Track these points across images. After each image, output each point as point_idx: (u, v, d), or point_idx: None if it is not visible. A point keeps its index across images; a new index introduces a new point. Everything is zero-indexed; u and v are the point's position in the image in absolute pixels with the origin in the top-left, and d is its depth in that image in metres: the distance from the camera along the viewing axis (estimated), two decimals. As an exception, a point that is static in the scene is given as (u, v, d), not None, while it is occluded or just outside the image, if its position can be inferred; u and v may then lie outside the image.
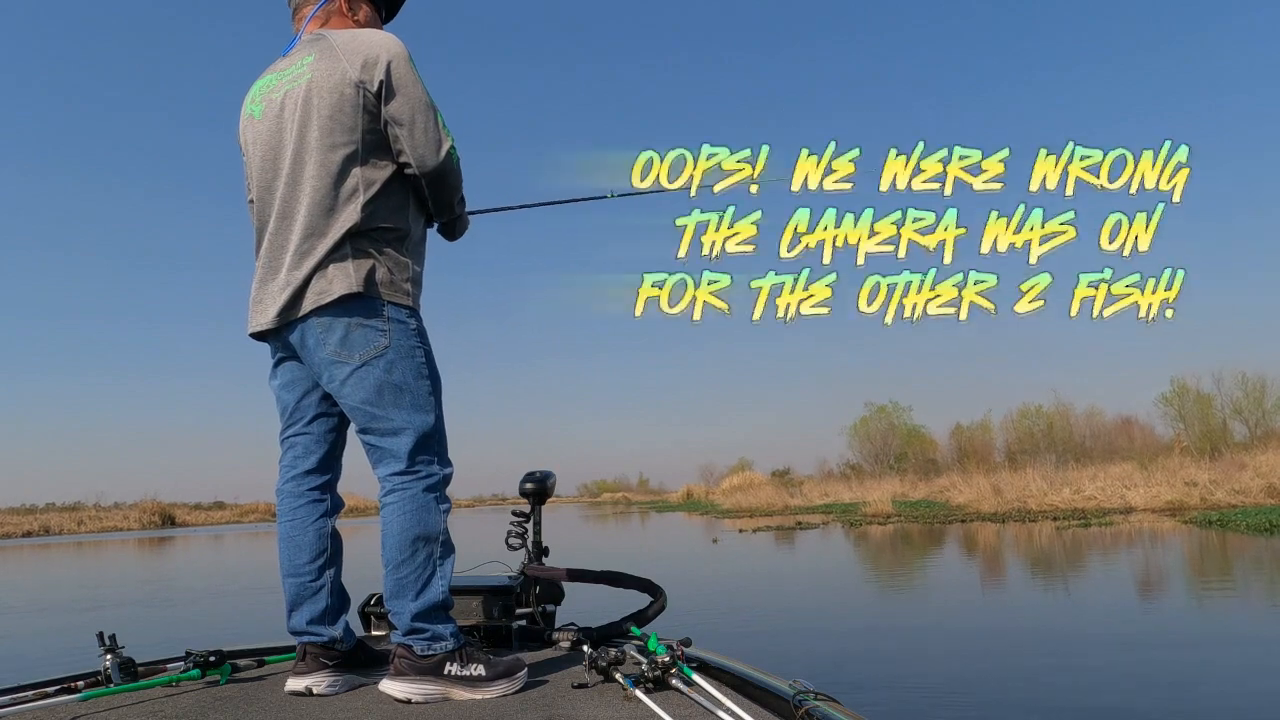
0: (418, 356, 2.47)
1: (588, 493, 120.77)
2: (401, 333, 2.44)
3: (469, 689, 2.38)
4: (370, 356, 2.40)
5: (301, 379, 2.58)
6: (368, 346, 2.40)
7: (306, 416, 2.60)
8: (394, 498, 2.42)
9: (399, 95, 2.42)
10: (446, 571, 2.44)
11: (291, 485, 2.60)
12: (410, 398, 2.43)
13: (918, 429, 45.94)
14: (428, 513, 2.42)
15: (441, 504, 2.46)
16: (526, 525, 3.39)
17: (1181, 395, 33.35)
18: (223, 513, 64.32)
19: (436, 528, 2.42)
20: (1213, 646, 7.29)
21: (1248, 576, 11.87)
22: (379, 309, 2.41)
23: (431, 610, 2.39)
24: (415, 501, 2.41)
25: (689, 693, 2.23)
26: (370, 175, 2.44)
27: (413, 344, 2.46)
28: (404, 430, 2.42)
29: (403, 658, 2.38)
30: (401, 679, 2.36)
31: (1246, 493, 22.85)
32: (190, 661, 2.62)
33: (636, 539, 26.79)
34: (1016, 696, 5.82)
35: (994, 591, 11.17)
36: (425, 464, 2.44)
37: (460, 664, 2.39)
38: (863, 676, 6.41)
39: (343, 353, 2.40)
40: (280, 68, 2.59)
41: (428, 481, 2.44)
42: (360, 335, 2.40)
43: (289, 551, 2.57)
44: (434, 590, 2.40)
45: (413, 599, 2.38)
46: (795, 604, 10.57)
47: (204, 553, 28.54)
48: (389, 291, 2.43)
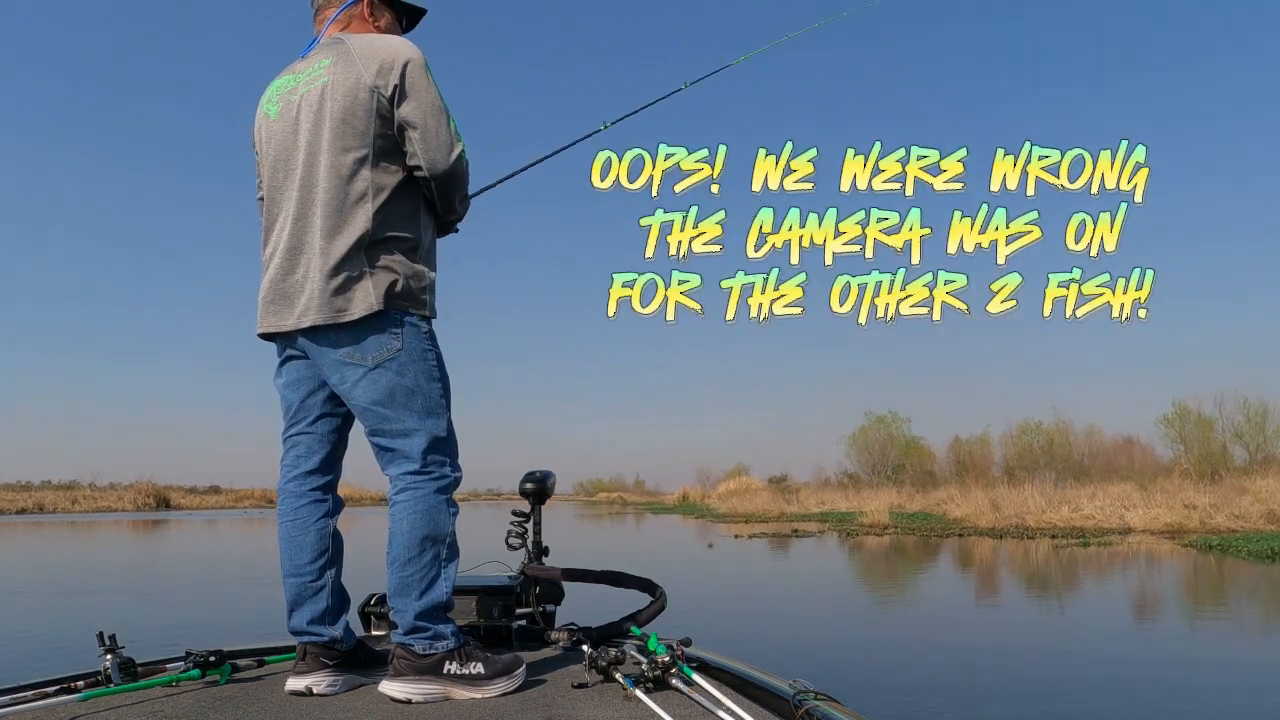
0: (430, 360, 2.48)
1: (583, 491, 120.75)
2: (414, 336, 2.46)
3: (469, 688, 2.38)
4: (383, 359, 2.41)
5: (307, 378, 2.58)
6: (381, 349, 2.41)
7: (310, 416, 2.61)
8: (406, 496, 2.43)
9: (412, 99, 2.44)
10: (451, 574, 2.45)
11: (293, 485, 2.60)
12: (422, 400, 2.44)
13: (916, 440, 45.94)
14: (438, 513, 2.43)
15: (451, 507, 2.48)
16: (526, 525, 3.39)
17: (1183, 417, 33.33)
18: (218, 497, 64.34)
19: (445, 529, 2.44)
20: (1211, 669, 7.30)
21: (1251, 603, 11.83)
22: (396, 318, 2.43)
23: (434, 610, 2.40)
24: (426, 501, 2.42)
25: (689, 693, 2.24)
26: (380, 180, 2.45)
27: (424, 347, 2.48)
28: (416, 432, 2.43)
29: (402, 658, 2.38)
30: (401, 679, 2.36)
31: (1246, 518, 22.82)
32: (190, 661, 2.61)
33: (633, 540, 26.79)
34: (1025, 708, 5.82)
35: (995, 609, 11.18)
36: (438, 465, 2.46)
37: (460, 663, 2.39)
38: (870, 681, 6.42)
39: (355, 355, 2.41)
40: (298, 69, 2.61)
41: (440, 483, 2.45)
42: (374, 339, 2.41)
43: (290, 551, 2.57)
44: (438, 591, 2.41)
45: (417, 598, 2.39)
46: (793, 612, 10.56)
47: (198, 539, 28.52)
48: (406, 302, 2.45)
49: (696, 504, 55.26)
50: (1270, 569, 15.01)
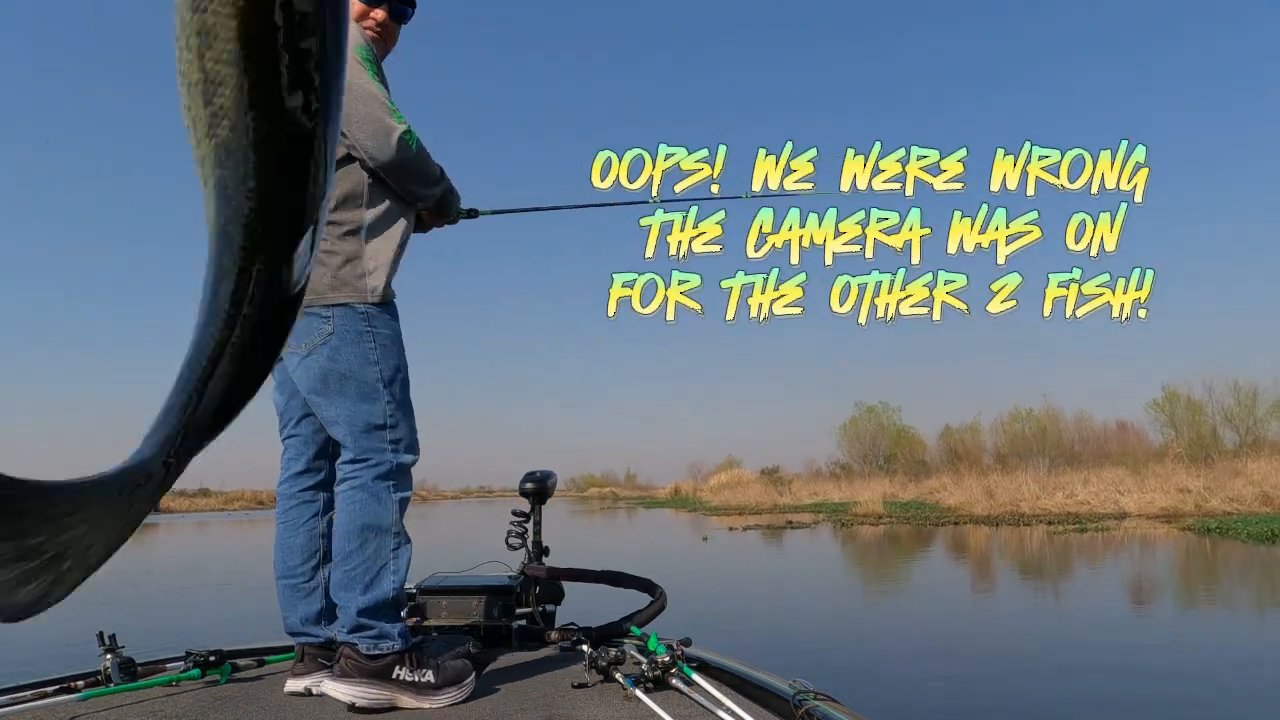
0: (366, 343, 2.39)
1: (575, 487, 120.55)
2: (348, 318, 2.37)
3: (417, 696, 2.31)
4: (315, 345, 2.36)
5: (288, 380, 2.54)
6: (312, 335, 2.36)
7: (295, 417, 2.60)
8: (344, 486, 2.38)
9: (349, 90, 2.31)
10: (400, 567, 2.37)
11: (285, 487, 2.59)
12: (356, 385, 2.37)
13: (906, 430, 45.90)
14: (377, 502, 2.35)
15: (396, 492, 2.39)
16: (526, 525, 3.40)
17: (1172, 402, 33.40)
18: (207, 500, 63.82)
19: (387, 518, 2.35)
20: (1219, 655, 7.30)
21: (1268, 588, 11.73)
22: (329, 304, 2.36)
23: (379, 607, 2.31)
24: (365, 490, 2.35)
25: (689, 692, 2.25)
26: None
27: (360, 330, 2.38)
28: (349, 418, 2.37)
29: (349, 658, 2.29)
30: (346, 681, 2.28)
31: (1241, 500, 22.90)
32: (190, 661, 2.63)
33: (626, 536, 26.77)
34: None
35: (1012, 601, 10.93)
36: (377, 452, 2.38)
37: (410, 669, 2.32)
38: (896, 680, 6.35)
39: (290, 343, 2.34)
40: None
41: (378, 470, 2.37)
42: (304, 324, 2.33)
43: (282, 554, 2.56)
44: (384, 585, 2.32)
45: (360, 592, 2.30)
46: (802, 609, 10.40)
47: (190, 541, 28.42)
48: (337, 293, 2.37)
49: (689, 497, 55.18)
50: (1275, 551, 14.93)
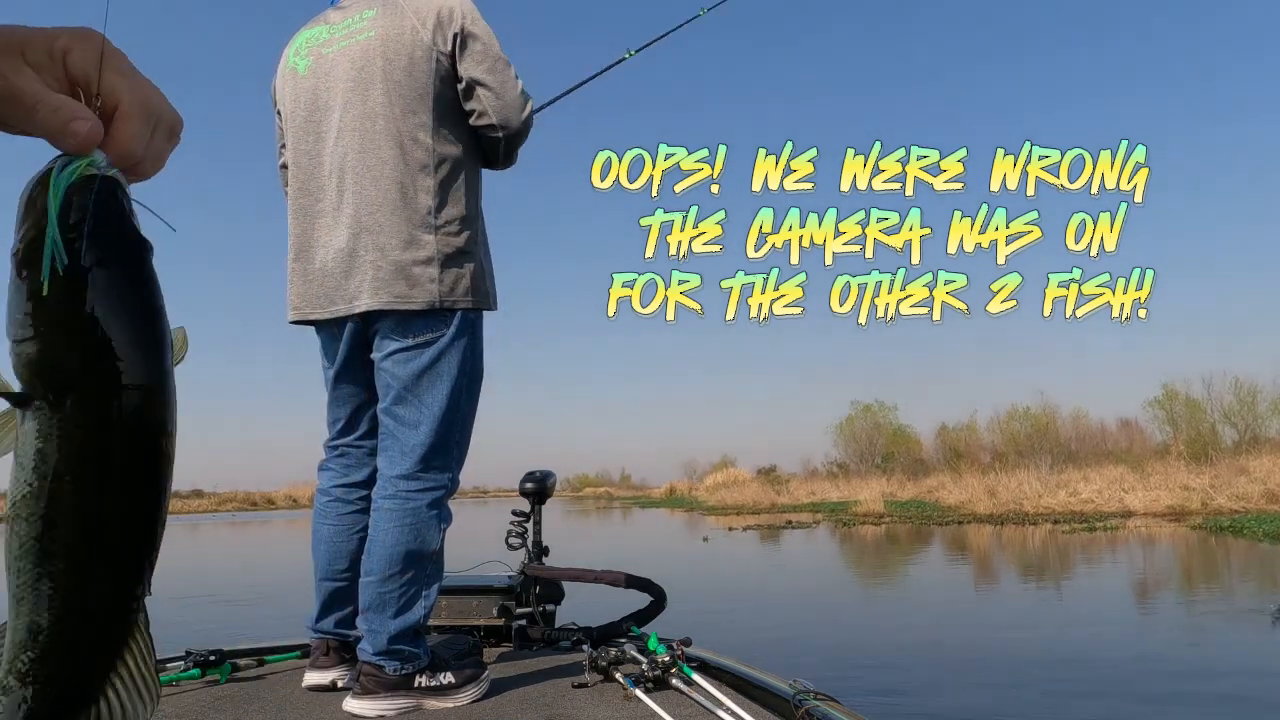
0: (469, 350, 2.37)
1: (570, 487, 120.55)
2: (462, 323, 2.35)
3: (441, 698, 2.32)
4: (427, 341, 2.32)
5: (358, 391, 2.51)
6: (426, 331, 2.32)
7: (360, 430, 2.55)
8: (393, 504, 2.33)
9: (476, 53, 2.29)
10: (432, 594, 2.37)
11: (342, 491, 2.54)
12: (447, 390, 2.34)
13: (903, 428, 45.85)
14: (427, 529, 2.33)
15: (443, 521, 2.38)
16: (526, 525, 3.39)
17: (1172, 400, 33.34)
18: (200, 501, 63.69)
19: (432, 545, 2.34)
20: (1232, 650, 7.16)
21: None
22: (454, 311, 2.34)
23: (409, 632, 2.31)
24: (416, 515, 2.32)
25: (689, 692, 2.25)
26: (443, 150, 2.31)
27: (470, 337, 2.38)
28: (424, 423, 2.33)
29: (371, 675, 2.28)
30: (370, 698, 2.27)
31: (1247, 498, 22.69)
32: (190, 661, 2.62)
33: (623, 536, 26.72)
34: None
35: (1037, 605, 10.29)
36: (437, 471, 2.36)
37: (429, 674, 2.32)
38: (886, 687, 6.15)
39: (399, 327, 2.32)
40: (332, 19, 2.41)
41: (433, 495, 2.35)
42: (422, 323, 2.31)
43: (329, 556, 2.51)
44: (416, 612, 2.31)
45: (393, 616, 2.28)
46: (797, 607, 10.27)
47: (190, 542, 28.37)
48: (469, 296, 2.35)
49: (684, 497, 55.13)
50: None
